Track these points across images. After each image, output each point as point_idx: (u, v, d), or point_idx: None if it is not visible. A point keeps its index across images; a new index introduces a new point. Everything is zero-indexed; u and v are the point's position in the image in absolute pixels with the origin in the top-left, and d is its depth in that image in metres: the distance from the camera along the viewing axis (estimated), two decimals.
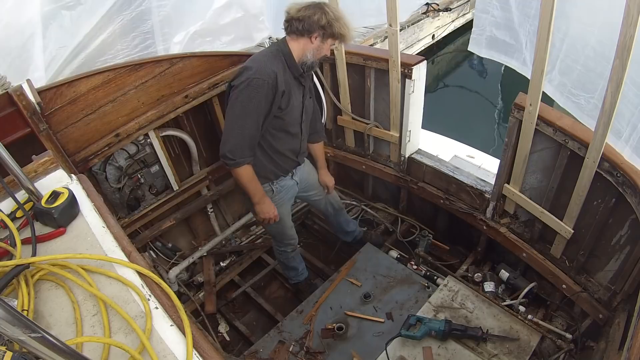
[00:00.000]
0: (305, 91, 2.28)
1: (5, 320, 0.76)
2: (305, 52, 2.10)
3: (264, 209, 2.33)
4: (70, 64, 2.90)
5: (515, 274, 2.65)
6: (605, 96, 1.66)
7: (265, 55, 2.12)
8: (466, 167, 2.88)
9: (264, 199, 2.32)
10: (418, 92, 2.64)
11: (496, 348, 2.25)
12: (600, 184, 1.98)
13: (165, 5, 3.00)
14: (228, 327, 2.93)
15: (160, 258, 3.07)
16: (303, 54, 2.11)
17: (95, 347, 1.14)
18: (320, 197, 2.77)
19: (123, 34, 3.00)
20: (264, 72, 2.00)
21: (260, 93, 2.01)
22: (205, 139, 3.00)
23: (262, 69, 2.01)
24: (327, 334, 2.48)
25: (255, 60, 2.10)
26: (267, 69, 2.02)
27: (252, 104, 2.02)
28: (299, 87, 2.21)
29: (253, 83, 1.99)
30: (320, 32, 2.04)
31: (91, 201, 1.60)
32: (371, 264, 2.82)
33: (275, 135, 2.23)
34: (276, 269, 3.22)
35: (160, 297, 1.25)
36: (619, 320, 2.01)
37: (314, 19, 2.01)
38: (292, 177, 2.47)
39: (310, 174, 2.67)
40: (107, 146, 2.49)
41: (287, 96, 2.12)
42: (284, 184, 2.42)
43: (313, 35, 2.06)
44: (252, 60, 2.10)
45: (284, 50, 2.10)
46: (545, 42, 1.79)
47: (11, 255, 1.36)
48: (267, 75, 2.00)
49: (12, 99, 2.03)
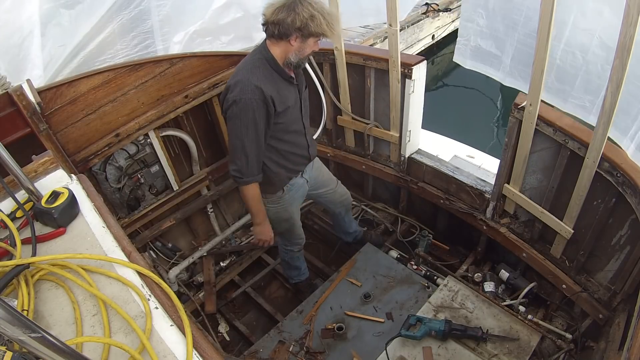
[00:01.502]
0: (300, 86, 2.23)
1: (5, 320, 0.75)
2: (288, 55, 2.03)
3: (263, 230, 2.37)
4: (70, 64, 2.90)
5: (515, 274, 2.65)
6: (605, 96, 1.66)
7: (247, 69, 2.04)
8: (466, 167, 2.87)
9: (265, 222, 2.35)
10: (418, 92, 2.64)
11: (496, 348, 2.25)
12: (600, 184, 1.98)
13: (165, 4, 3.00)
14: (228, 327, 2.93)
15: (160, 258, 3.07)
16: (286, 57, 2.04)
17: (95, 347, 1.14)
18: (332, 195, 2.74)
19: (122, 34, 3.00)
20: (247, 90, 1.96)
21: (249, 112, 1.98)
22: (205, 139, 3.00)
23: (245, 87, 1.97)
24: (327, 334, 2.48)
25: (239, 74, 2.04)
26: (250, 85, 1.97)
27: (244, 123, 2.00)
28: (291, 86, 2.16)
29: (240, 104, 1.97)
30: (298, 34, 1.95)
31: (91, 201, 1.60)
32: (371, 264, 2.82)
33: (280, 139, 2.21)
34: (276, 269, 3.22)
35: (160, 297, 1.25)
36: (619, 320, 2.01)
37: (288, 22, 1.91)
38: (302, 175, 2.45)
39: (320, 172, 2.65)
40: (107, 146, 2.49)
41: (280, 102, 2.07)
42: (294, 182, 2.41)
43: (291, 38, 1.97)
44: (236, 74, 2.06)
45: (267, 57, 2.05)
46: (545, 42, 1.79)
47: (11, 255, 1.36)
48: (252, 92, 1.96)
49: (12, 99, 2.03)
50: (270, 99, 2.01)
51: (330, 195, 2.74)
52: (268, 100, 2.00)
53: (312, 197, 2.77)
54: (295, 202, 2.51)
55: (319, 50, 2.80)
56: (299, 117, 2.27)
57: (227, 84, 2.06)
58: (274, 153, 2.23)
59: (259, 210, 2.30)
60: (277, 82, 2.08)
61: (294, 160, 2.32)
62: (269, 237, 2.41)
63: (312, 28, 1.92)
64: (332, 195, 2.74)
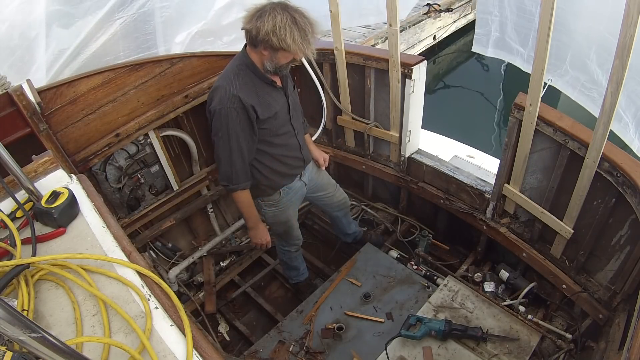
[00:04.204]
0: (287, 87, 2.20)
1: (5, 320, 0.76)
2: (263, 62, 2.00)
3: (257, 234, 2.39)
4: (71, 65, 2.90)
5: (515, 274, 2.65)
6: (605, 96, 1.66)
7: (227, 77, 2.03)
8: (466, 167, 2.87)
9: (257, 225, 2.36)
10: (418, 92, 2.64)
11: (496, 348, 2.25)
12: (600, 184, 1.98)
13: (169, 6, 3.00)
14: (228, 327, 2.93)
15: (160, 258, 3.07)
16: (262, 64, 2.01)
17: (95, 347, 1.14)
18: (330, 199, 2.74)
19: (125, 35, 3.00)
20: (226, 100, 1.96)
21: (229, 121, 1.98)
22: (205, 139, 2.99)
23: (223, 97, 1.96)
24: (327, 334, 2.48)
25: (218, 82, 2.03)
26: (228, 94, 1.96)
27: (226, 132, 2.00)
28: (275, 89, 2.13)
29: (221, 114, 1.97)
30: (266, 45, 1.89)
31: (91, 201, 1.60)
32: (371, 264, 2.82)
33: (271, 142, 2.19)
34: (276, 269, 3.22)
35: (160, 297, 1.25)
36: (619, 320, 2.01)
37: (254, 34, 1.87)
38: (301, 178, 2.45)
39: (319, 175, 2.65)
40: (107, 146, 2.49)
41: (263, 108, 2.05)
42: (291, 186, 2.41)
43: (260, 48, 1.93)
44: (216, 83, 2.05)
45: (247, 62, 2.02)
46: (545, 41, 1.79)
47: (11, 255, 1.36)
48: (230, 102, 1.95)
49: (12, 99, 2.03)
50: (251, 107, 1.99)
51: (329, 199, 2.74)
52: (248, 108, 1.98)
53: (310, 200, 2.77)
54: (293, 205, 2.51)
55: (319, 50, 2.83)
56: (288, 119, 2.24)
57: (209, 94, 2.06)
58: (267, 158, 2.22)
59: (251, 214, 2.31)
60: (259, 88, 2.05)
61: (288, 163, 2.31)
62: (264, 240, 2.43)
63: (274, 42, 1.84)
64: (330, 199, 2.74)
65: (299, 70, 2.93)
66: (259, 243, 2.44)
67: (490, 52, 2.45)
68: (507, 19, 2.25)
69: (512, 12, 2.22)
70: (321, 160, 2.62)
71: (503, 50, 2.39)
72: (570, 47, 2.01)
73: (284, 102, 2.19)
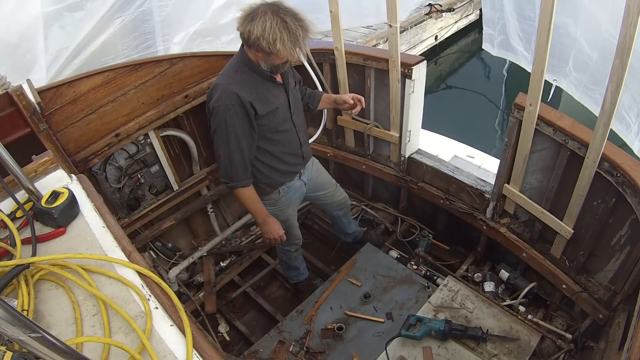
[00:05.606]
0: (287, 83, 2.19)
1: (5, 320, 0.75)
2: (258, 62, 2.01)
3: (268, 229, 2.32)
4: (71, 65, 2.91)
5: (515, 274, 2.65)
6: (605, 96, 1.66)
7: (226, 74, 2.05)
8: (466, 167, 2.87)
9: (267, 220, 2.31)
10: (418, 92, 2.64)
11: (496, 348, 2.25)
12: (600, 184, 1.98)
13: (167, 5, 3.01)
14: (228, 327, 2.93)
15: (160, 258, 3.07)
16: (258, 63, 2.02)
17: (95, 347, 1.14)
18: (330, 198, 2.73)
19: (124, 35, 3.00)
20: (224, 97, 1.96)
21: (227, 118, 1.98)
22: (205, 139, 2.99)
23: (222, 94, 1.97)
24: (327, 334, 2.48)
25: (217, 80, 2.05)
26: (226, 91, 1.97)
27: (225, 129, 2.01)
28: (275, 86, 2.13)
29: (219, 111, 1.98)
30: (258, 48, 1.90)
31: (91, 201, 1.60)
32: (371, 264, 2.82)
33: (271, 139, 2.19)
34: (276, 269, 3.22)
35: (160, 297, 1.25)
36: (619, 320, 2.01)
37: (246, 37, 1.90)
38: (300, 177, 2.45)
39: (319, 174, 2.64)
40: (107, 146, 2.49)
41: (262, 104, 2.05)
42: (291, 185, 2.40)
43: (254, 50, 1.94)
44: (215, 81, 2.06)
45: (245, 59, 2.03)
46: (545, 41, 1.79)
47: (11, 255, 1.36)
48: (228, 99, 1.96)
49: (12, 99, 2.03)
50: (249, 103, 2.00)
51: (329, 199, 2.73)
52: (246, 105, 1.99)
53: (310, 199, 2.77)
54: (292, 204, 2.50)
55: (319, 50, 2.83)
56: (289, 116, 2.23)
57: (208, 92, 2.07)
58: (267, 155, 2.22)
59: (257, 210, 2.27)
60: (259, 85, 2.06)
61: (287, 160, 2.30)
62: (277, 234, 2.34)
63: (264, 46, 1.85)
64: (330, 198, 2.74)
65: (299, 70, 2.92)
66: (273, 237, 2.35)
67: (496, 52, 2.47)
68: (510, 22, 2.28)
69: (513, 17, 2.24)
70: (352, 98, 2.38)
71: (508, 51, 2.41)
72: (573, 48, 2.02)
73: (284, 99, 2.19)
